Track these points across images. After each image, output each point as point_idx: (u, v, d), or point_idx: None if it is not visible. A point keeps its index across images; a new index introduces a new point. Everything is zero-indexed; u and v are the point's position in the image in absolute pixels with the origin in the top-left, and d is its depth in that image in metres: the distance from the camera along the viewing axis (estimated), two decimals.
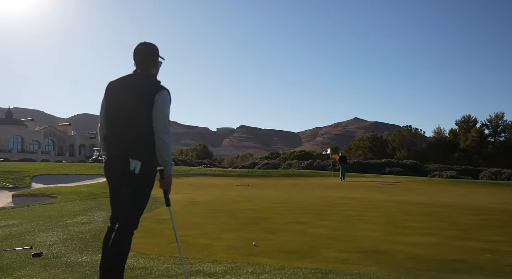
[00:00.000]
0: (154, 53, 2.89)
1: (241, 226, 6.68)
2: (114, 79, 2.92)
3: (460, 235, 5.69)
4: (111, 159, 2.83)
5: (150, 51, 2.87)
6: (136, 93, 2.76)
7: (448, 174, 34.10)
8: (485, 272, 3.62)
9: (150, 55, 2.87)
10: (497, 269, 3.74)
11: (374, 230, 6.19)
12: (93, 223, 7.59)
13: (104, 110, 2.90)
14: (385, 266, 3.90)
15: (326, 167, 37.35)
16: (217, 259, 4.41)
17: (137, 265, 4.16)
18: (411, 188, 18.91)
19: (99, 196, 13.65)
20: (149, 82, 2.82)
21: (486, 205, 10.46)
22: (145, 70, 2.85)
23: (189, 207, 10.17)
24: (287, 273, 3.62)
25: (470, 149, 54.61)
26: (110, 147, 2.84)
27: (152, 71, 2.88)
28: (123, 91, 2.80)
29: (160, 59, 2.92)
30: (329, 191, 17.27)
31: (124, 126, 2.77)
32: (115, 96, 2.83)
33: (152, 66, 2.88)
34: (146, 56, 2.86)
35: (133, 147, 2.73)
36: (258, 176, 28.34)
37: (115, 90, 2.85)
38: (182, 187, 19.76)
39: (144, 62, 2.85)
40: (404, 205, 10.27)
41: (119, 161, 2.75)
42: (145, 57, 2.86)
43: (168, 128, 2.78)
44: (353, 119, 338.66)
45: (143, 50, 2.85)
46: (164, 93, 2.79)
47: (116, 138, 2.81)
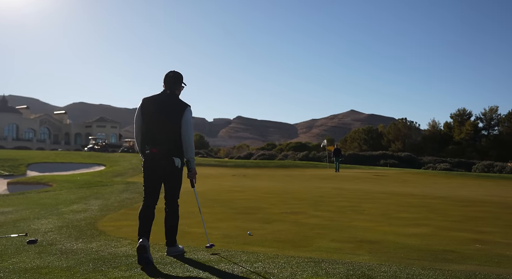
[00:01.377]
0: (180, 79, 3.92)
1: (236, 216, 6.71)
2: (148, 97, 3.90)
3: (452, 226, 5.76)
4: (153, 155, 3.80)
5: (177, 78, 3.91)
6: (170, 109, 3.78)
7: (442, 166, 34.36)
8: (474, 262, 3.67)
9: (177, 81, 3.91)
10: (486, 259, 3.80)
11: (367, 221, 6.26)
12: (88, 211, 7.60)
13: (140, 121, 3.87)
14: (378, 255, 3.95)
15: (321, 159, 37.49)
16: (212, 247, 4.44)
17: (132, 253, 4.18)
18: (405, 180, 19.07)
19: (95, 185, 13.64)
20: (178, 101, 3.87)
21: (477, 197, 10.59)
22: (173, 91, 3.87)
23: (184, 196, 10.15)
24: (280, 261, 3.66)
25: (464, 142, 55.03)
26: (154, 147, 3.78)
27: (177, 92, 3.91)
28: (159, 107, 3.79)
29: (183, 85, 3.95)
30: (324, 182, 17.37)
31: (163, 133, 3.77)
32: (152, 110, 3.80)
33: (177, 89, 3.91)
34: (175, 81, 3.89)
35: (174, 149, 3.78)
36: (254, 167, 28.40)
37: (151, 106, 3.83)
38: None
39: (173, 86, 3.87)
40: (397, 196, 10.36)
41: (164, 158, 3.77)
42: (174, 82, 3.88)
43: (192, 134, 3.84)
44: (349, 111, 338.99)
45: (173, 77, 3.88)
46: (189, 109, 3.86)
47: (157, 141, 3.78)
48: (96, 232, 5.50)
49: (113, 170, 23.12)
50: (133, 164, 26.22)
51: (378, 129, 68.32)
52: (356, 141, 64.39)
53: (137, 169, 23.77)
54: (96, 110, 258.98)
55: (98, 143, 54.65)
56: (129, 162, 27.43)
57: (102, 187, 13.01)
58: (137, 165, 25.75)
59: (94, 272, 3.45)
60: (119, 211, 7.61)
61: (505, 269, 3.43)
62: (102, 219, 6.68)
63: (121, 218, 6.79)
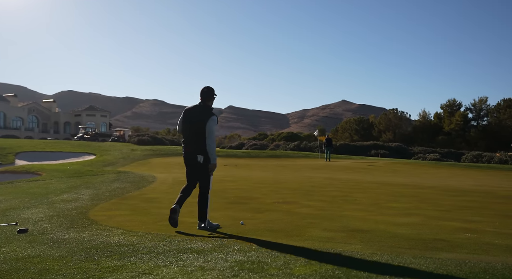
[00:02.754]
0: (210, 94, 4.98)
1: (229, 205, 6.73)
2: (189, 107, 5.06)
3: (442, 215, 5.86)
4: (188, 153, 4.98)
5: (208, 92, 4.97)
6: (200, 118, 4.85)
7: (432, 156, 34.78)
8: (464, 250, 3.74)
9: (207, 95, 4.97)
10: (475, 247, 3.87)
11: (358, 210, 6.32)
12: (79, 200, 7.55)
13: (181, 126, 5.07)
14: (369, 244, 4.00)
15: (313, 149, 37.65)
16: (205, 237, 4.46)
17: (125, 242, 4.17)
18: (395, 170, 19.28)
19: (85, 174, 13.53)
20: (206, 111, 4.90)
21: (466, 187, 10.76)
22: (205, 103, 4.95)
23: (176, 186, 10.18)
24: (273, 251, 3.68)
25: (453, 133, 55.68)
26: (186, 147, 4.99)
27: (209, 103, 4.97)
28: (193, 116, 4.93)
29: (215, 96, 5.01)
30: (316, 172, 17.48)
31: (194, 136, 4.91)
32: (189, 118, 4.96)
33: (209, 101, 4.97)
34: (207, 95, 4.96)
35: (198, 149, 4.88)
36: (245, 157, 28.43)
37: (188, 115, 4.98)
38: (170, 166, 19.73)
39: (205, 99, 4.96)
40: (388, 186, 10.48)
41: (191, 156, 4.92)
42: (206, 96, 4.96)
43: (212, 139, 4.84)
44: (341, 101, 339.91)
45: (206, 92, 4.95)
46: (213, 118, 4.85)
47: (190, 143, 4.96)
48: (87, 222, 5.47)
49: (104, 159, 22.94)
50: (123, 153, 26.05)
51: (369, 119, 68.71)
52: (347, 131, 64.72)
53: (128, 158, 23.62)
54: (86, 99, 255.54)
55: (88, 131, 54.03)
56: (119, 151, 27.23)
57: (93, 176, 12.91)
58: (127, 155, 25.59)
59: (87, 261, 3.43)
60: (110, 200, 7.57)
61: (494, 257, 3.51)
62: (93, 208, 6.64)
63: (112, 207, 6.77)
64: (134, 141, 38.98)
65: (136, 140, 39.04)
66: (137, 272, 3.08)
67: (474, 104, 58.31)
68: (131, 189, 9.40)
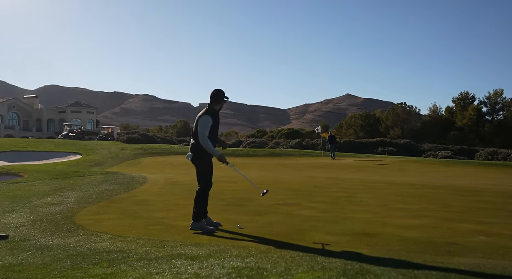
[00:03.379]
0: (216, 96, 5.31)
1: (226, 208, 6.74)
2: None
3: (454, 217, 5.88)
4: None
5: (216, 95, 5.32)
6: (196, 119, 5.29)
7: (443, 154, 34.84)
8: (478, 255, 3.76)
9: (216, 98, 5.32)
10: (491, 251, 3.88)
11: (364, 212, 6.34)
12: (64, 203, 7.55)
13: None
14: (376, 248, 4.01)
15: (315, 146, 37.70)
16: (200, 241, 4.46)
17: (114, 248, 4.17)
18: (404, 169, 19.33)
19: (71, 175, 13.52)
20: (201, 112, 5.30)
21: (480, 186, 10.79)
22: (211, 107, 5.33)
23: (169, 187, 10.19)
24: (274, 256, 3.69)
25: (466, 128, 55.76)
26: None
27: (215, 108, 5.32)
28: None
29: (225, 99, 5.35)
30: (319, 171, 17.50)
31: (192, 135, 5.38)
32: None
33: (215, 103, 5.32)
34: (214, 99, 5.33)
35: (192, 146, 5.33)
36: (243, 155, 28.43)
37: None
38: (162, 166, 19.72)
39: (212, 102, 5.32)
40: (396, 186, 10.50)
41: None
42: (213, 99, 5.33)
43: (203, 135, 5.13)
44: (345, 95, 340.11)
45: (213, 95, 5.32)
46: (202, 116, 5.21)
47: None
48: (73, 226, 5.47)
49: (90, 159, 22.92)
50: (112, 153, 26.02)
51: (376, 114, 68.76)
52: (352, 127, 64.79)
53: (117, 158, 23.60)
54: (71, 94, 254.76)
55: (73, 129, 53.96)
56: (107, 151, 27.20)
57: (79, 177, 12.90)
58: (116, 154, 25.56)
59: (73, 269, 3.43)
60: (98, 203, 7.57)
61: (510, 261, 3.52)
62: (79, 212, 6.64)
63: (100, 211, 6.76)
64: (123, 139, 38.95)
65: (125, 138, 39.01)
66: None
67: (488, 98, 58.35)
68: (120, 190, 9.39)
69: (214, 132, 5.31)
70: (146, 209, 6.91)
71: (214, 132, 5.29)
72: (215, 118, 5.29)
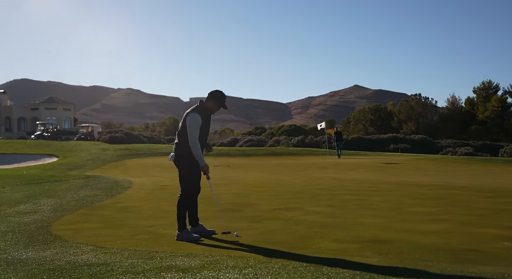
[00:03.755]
0: (210, 97, 5.35)
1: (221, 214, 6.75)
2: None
3: (475, 220, 5.91)
4: None
5: (214, 94, 5.36)
6: (184, 116, 5.35)
7: (463, 150, 34.98)
8: (502, 263, 3.78)
9: (212, 97, 5.35)
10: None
11: (375, 217, 6.37)
12: (39, 212, 7.55)
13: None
14: (389, 257, 4.04)
15: (320, 144, 37.77)
16: (192, 252, 4.48)
17: (96, 261, 4.18)
18: (419, 168, 19.40)
19: (46, 180, 13.50)
20: (192, 107, 5.38)
21: (505, 186, 10.85)
22: (203, 102, 5.35)
23: (157, 192, 10.20)
24: (274, 267, 3.71)
25: (489, 121, 55.88)
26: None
27: (207, 105, 5.34)
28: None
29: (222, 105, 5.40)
30: (324, 171, 17.55)
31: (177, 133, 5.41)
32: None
33: (210, 102, 5.34)
34: (210, 96, 5.35)
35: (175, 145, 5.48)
36: (240, 155, 28.46)
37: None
38: (149, 169, 19.74)
39: (207, 98, 5.36)
40: (411, 187, 10.55)
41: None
42: (210, 97, 5.35)
43: (192, 135, 5.17)
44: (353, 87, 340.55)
45: (212, 94, 5.36)
46: (190, 114, 5.25)
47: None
48: (50, 238, 5.47)
49: (68, 161, 22.90)
50: (92, 154, 26.01)
51: (387, 108, 68.87)
52: (361, 122, 64.92)
53: (98, 160, 23.60)
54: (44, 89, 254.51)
55: (48, 129, 53.90)
56: (87, 152, 27.18)
57: (55, 182, 12.89)
58: (97, 156, 25.56)
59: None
60: (78, 211, 7.58)
61: None
62: (56, 221, 6.64)
63: (80, 219, 6.77)
64: (105, 139, 38.94)
65: (107, 138, 39.00)
66: None
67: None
68: (102, 196, 9.39)
69: (203, 135, 5.30)
70: (131, 216, 6.92)
71: (203, 135, 5.28)
72: (205, 119, 5.26)
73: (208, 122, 5.39)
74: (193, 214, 5.45)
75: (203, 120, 5.22)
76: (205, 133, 5.34)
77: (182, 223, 5.23)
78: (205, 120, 5.26)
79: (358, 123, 65.47)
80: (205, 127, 5.29)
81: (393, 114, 63.96)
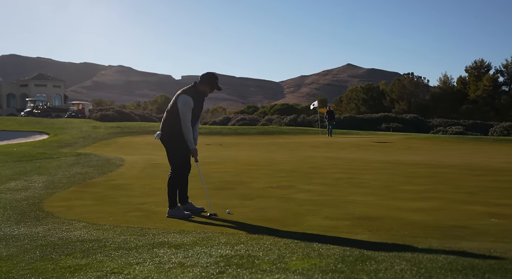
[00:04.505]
0: (208, 79, 5.32)
1: (213, 192, 6.78)
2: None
3: (464, 198, 6.00)
4: None
5: (206, 77, 5.34)
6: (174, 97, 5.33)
7: (454, 129, 35.28)
8: (489, 238, 3.86)
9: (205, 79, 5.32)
10: (503, 235, 3.99)
11: (366, 195, 6.44)
12: (30, 189, 7.54)
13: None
14: (379, 234, 4.10)
15: (312, 123, 37.82)
16: (185, 228, 4.52)
17: (88, 237, 4.21)
18: (410, 147, 19.55)
19: (37, 157, 13.44)
20: (185, 88, 5.35)
21: (494, 164, 10.99)
22: (196, 83, 5.31)
23: (149, 170, 10.21)
24: (266, 243, 3.76)
25: (480, 100, 56.18)
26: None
27: (200, 87, 5.29)
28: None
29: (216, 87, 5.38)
30: (316, 150, 17.63)
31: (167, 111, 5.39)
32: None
33: (203, 85, 5.30)
34: (203, 79, 5.32)
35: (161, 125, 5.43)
36: (232, 134, 28.47)
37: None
38: (140, 147, 19.69)
39: (200, 81, 5.32)
40: (402, 165, 10.65)
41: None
42: (202, 79, 5.32)
43: (184, 118, 5.16)
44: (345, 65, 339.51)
45: (204, 76, 5.34)
46: (180, 96, 5.20)
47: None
48: (41, 214, 5.48)
49: (59, 139, 22.76)
50: (83, 132, 25.86)
51: (380, 87, 68.90)
52: (353, 101, 64.95)
53: (89, 138, 23.48)
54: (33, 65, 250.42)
55: (38, 105, 53.27)
56: (78, 130, 27.01)
57: (46, 159, 12.84)
58: (88, 133, 25.41)
59: (42, 261, 3.46)
60: (69, 188, 7.58)
61: None
62: (48, 198, 6.65)
63: (72, 196, 6.78)
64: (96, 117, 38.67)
65: (98, 116, 38.72)
66: (104, 271, 3.13)
67: (506, 66, 58.52)
68: (94, 174, 9.39)
69: (194, 118, 5.29)
70: (124, 194, 6.94)
71: (194, 118, 5.27)
72: (197, 101, 5.23)
73: (201, 104, 5.36)
74: (183, 192, 5.48)
75: (195, 102, 5.19)
76: (197, 115, 5.34)
77: (173, 200, 5.27)
78: (198, 102, 5.24)
79: (350, 102, 65.49)
80: (197, 109, 5.27)
81: (385, 93, 64.00)
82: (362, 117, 42.72)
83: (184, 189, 5.48)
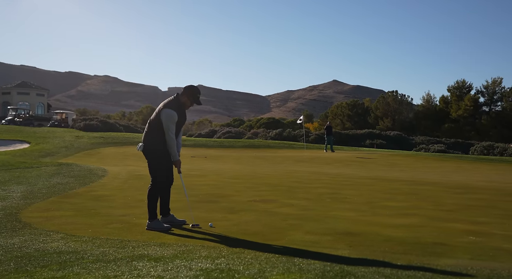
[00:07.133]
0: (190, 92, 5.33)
1: (196, 205, 6.75)
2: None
3: (444, 215, 6.08)
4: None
5: (188, 89, 5.35)
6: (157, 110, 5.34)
7: (436, 147, 35.77)
8: (466, 256, 3.92)
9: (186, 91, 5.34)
10: (480, 252, 4.05)
11: (348, 210, 6.48)
12: (8, 199, 7.39)
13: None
14: (359, 249, 4.12)
15: (298, 138, 38.00)
16: (165, 241, 4.48)
17: (66, 249, 4.14)
18: (394, 163, 19.75)
19: (16, 166, 13.20)
20: (165, 103, 5.28)
21: (474, 183, 11.17)
22: (179, 96, 5.33)
23: (132, 181, 10.11)
24: (247, 257, 3.74)
25: (462, 120, 57.28)
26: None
27: (182, 99, 5.31)
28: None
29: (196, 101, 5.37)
30: (300, 165, 17.69)
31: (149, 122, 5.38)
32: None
33: (183, 97, 5.32)
34: (185, 91, 5.34)
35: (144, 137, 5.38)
36: (217, 147, 28.40)
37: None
38: (124, 158, 19.50)
39: (182, 92, 5.35)
40: (384, 182, 10.75)
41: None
42: (184, 91, 5.34)
43: (168, 130, 5.18)
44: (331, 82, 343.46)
45: (187, 88, 5.35)
46: (164, 111, 5.19)
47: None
48: (18, 225, 5.37)
49: (41, 148, 22.40)
50: (66, 142, 25.51)
51: (364, 103, 69.77)
52: (339, 117, 65.60)
53: (72, 148, 23.17)
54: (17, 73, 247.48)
55: (20, 114, 52.53)
56: (61, 139, 26.64)
57: (26, 169, 12.62)
58: (71, 143, 25.08)
59: (17, 273, 3.39)
60: (49, 199, 7.45)
61: (500, 263, 3.68)
62: (26, 208, 6.52)
63: (51, 207, 6.66)
64: (80, 126, 38.23)
65: (82, 125, 38.29)
66: None
67: (486, 87, 59.93)
68: (75, 184, 9.26)
69: (177, 129, 5.31)
70: (104, 205, 6.85)
71: (177, 130, 5.30)
72: (180, 114, 5.26)
73: (184, 116, 5.39)
74: (165, 204, 5.44)
75: (179, 115, 5.22)
76: (179, 127, 5.36)
77: (153, 212, 5.23)
78: (180, 116, 5.27)
79: (335, 118, 66.10)
80: (180, 121, 5.30)
81: (370, 110, 64.82)
82: (347, 133, 43.12)
83: (166, 200, 5.44)
